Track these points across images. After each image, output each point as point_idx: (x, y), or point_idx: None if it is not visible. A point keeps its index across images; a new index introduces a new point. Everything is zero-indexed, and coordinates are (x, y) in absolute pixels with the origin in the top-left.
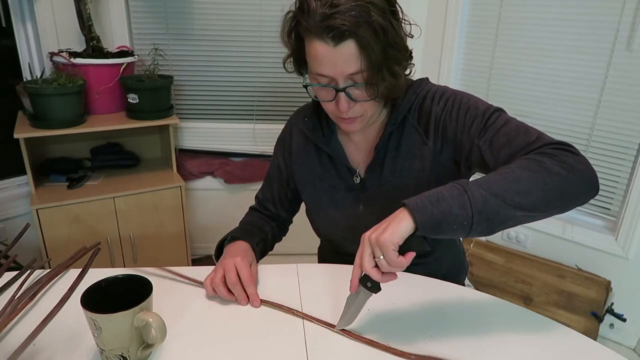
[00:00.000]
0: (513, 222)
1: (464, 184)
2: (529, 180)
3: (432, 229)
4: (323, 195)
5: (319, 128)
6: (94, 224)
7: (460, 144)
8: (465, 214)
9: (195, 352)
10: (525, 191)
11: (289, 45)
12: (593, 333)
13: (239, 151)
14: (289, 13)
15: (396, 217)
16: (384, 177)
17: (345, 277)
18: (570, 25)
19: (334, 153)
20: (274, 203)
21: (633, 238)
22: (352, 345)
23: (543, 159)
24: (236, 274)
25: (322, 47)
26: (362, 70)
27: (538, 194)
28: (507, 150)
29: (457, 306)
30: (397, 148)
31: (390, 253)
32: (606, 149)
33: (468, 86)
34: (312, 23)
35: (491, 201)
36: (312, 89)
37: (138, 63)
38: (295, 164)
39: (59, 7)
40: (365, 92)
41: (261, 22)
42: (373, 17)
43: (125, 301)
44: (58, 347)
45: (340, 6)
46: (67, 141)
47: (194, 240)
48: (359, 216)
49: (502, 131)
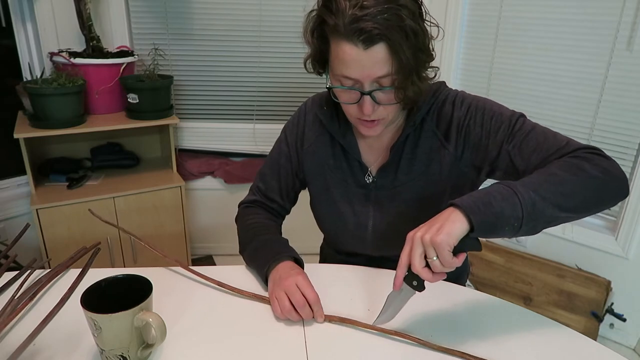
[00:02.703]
0: (555, 222)
1: (512, 185)
2: (573, 183)
3: (487, 230)
4: (333, 187)
5: (335, 119)
6: (94, 224)
7: (486, 150)
8: (516, 216)
9: (195, 352)
10: (570, 193)
11: (312, 45)
12: (593, 333)
13: (239, 151)
14: (313, 11)
15: (449, 218)
16: (398, 179)
17: (346, 277)
18: (570, 25)
19: (348, 147)
20: (280, 193)
21: (633, 238)
22: (351, 344)
23: (581, 163)
24: (302, 295)
25: (351, 49)
26: (391, 74)
27: (580, 196)
28: (539, 154)
29: (457, 306)
30: (413, 150)
31: (446, 254)
32: (606, 149)
33: (468, 86)
34: (341, 24)
35: (539, 203)
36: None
37: (138, 63)
38: (307, 153)
39: (59, 7)
40: (391, 96)
41: (261, 22)
42: (405, 21)
43: (125, 301)
44: (58, 347)
45: (371, 8)
46: (67, 141)
47: (194, 240)
48: (368, 214)
49: (531, 136)
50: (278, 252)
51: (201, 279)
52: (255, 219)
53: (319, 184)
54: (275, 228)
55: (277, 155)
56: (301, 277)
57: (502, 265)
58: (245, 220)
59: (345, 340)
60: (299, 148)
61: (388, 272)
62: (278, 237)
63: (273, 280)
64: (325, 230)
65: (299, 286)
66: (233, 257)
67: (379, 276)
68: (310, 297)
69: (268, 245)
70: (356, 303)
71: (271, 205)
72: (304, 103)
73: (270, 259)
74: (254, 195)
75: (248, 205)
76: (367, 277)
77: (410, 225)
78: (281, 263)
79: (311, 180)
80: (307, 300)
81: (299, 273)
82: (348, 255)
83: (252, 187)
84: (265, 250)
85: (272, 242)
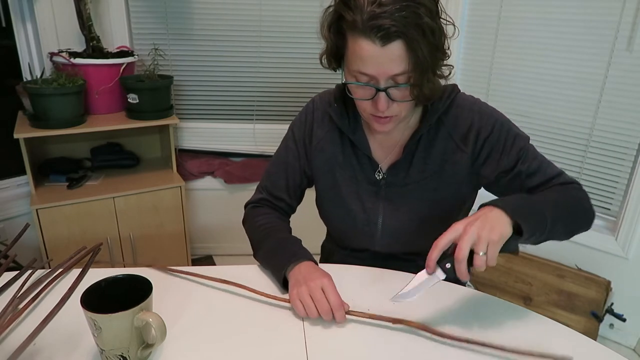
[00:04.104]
0: (552, 239)
1: (536, 201)
2: (574, 210)
3: (530, 236)
4: (343, 184)
5: (345, 116)
6: (94, 224)
7: (498, 163)
8: (542, 229)
9: (195, 352)
10: (570, 219)
11: (328, 40)
12: (593, 333)
13: (239, 151)
14: (330, 7)
15: (499, 220)
16: (410, 176)
17: (348, 277)
18: (570, 25)
19: (358, 143)
20: (287, 191)
21: (633, 238)
22: (351, 343)
23: (577, 194)
24: (327, 302)
25: (368, 45)
26: (407, 72)
27: (573, 223)
28: (539, 178)
29: (457, 306)
30: (427, 150)
31: (496, 252)
32: (606, 149)
33: (468, 86)
34: (359, 20)
35: (548, 220)
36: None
37: (138, 63)
38: (316, 149)
39: (59, 7)
40: (405, 93)
41: (261, 22)
42: (423, 19)
43: (125, 301)
44: (58, 347)
45: (390, 5)
46: (67, 141)
47: (194, 240)
48: (378, 211)
49: (537, 161)
50: (295, 253)
51: (201, 279)
52: (266, 219)
53: (328, 181)
54: (287, 228)
55: (285, 153)
56: (327, 280)
57: (502, 265)
58: (255, 222)
59: (346, 340)
60: (307, 145)
61: (390, 273)
62: (293, 237)
63: (295, 280)
64: (332, 227)
65: (324, 289)
66: (233, 257)
67: (381, 277)
68: (334, 302)
69: (285, 245)
70: (357, 302)
71: (278, 204)
72: (312, 100)
73: (291, 258)
74: (261, 193)
75: (255, 205)
76: (369, 277)
77: (419, 223)
78: (303, 263)
79: (319, 177)
80: (329, 304)
81: (324, 275)
82: (353, 251)
83: (259, 186)
84: (283, 249)
85: (288, 242)
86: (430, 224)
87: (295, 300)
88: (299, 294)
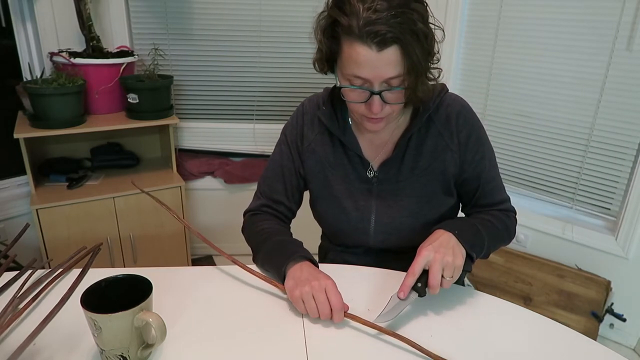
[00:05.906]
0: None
1: (479, 229)
2: (502, 235)
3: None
4: (335, 184)
5: (334, 117)
6: (94, 224)
7: (463, 170)
8: (480, 255)
9: (195, 352)
10: (496, 241)
11: (322, 44)
12: (593, 333)
13: (239, 151)
14: (324, 12)
15: (459, 248)
16: (402, 173)
17: (347, 277)
18: (570, 25)
19: (349, 143)
20: (286, 194)
21: (633, 238)
22: (351, 343)
23: (511, 223)
24: (329, 304)
25: (364, 50)
26: (402, 75)
27: (498, 246)
28: (488, 200)
29: (457, 306)
30: (418, 147)
31: (457, 276)
32: (606, 149)
33: (468, 86)
34: (354, 25)
35: (485, 247)
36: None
37: (138, 63)
38: (307, 151)
39: (59, 7)
40: (399, 95)
41: (261, 22)
42: (417, 25)
43: (125, 301)
44: (58, 347)
45: (385, 12)
46: (67, 141)
47: (194, 240)
48: (371, 208)
49: (491, 185)
50: (295, 252)
51: (201, 280)
52: (265, 225)
53: (320, 182)
54: (287, 232)
55: (279, 157)
56: (330, 283)
57: (502, 265)
58: (255, 228)
59: (345, 340)
60: (299, 147)
61: (388, 272)
62: (293, 239)
63: (294, 278)
64: (326, 226)
65: (327, 292)
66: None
67: (379, 276)
68: (335, 304)
69: (286, 245)
70: (356, 302)
71: (278, 208)
72: (301, 104)
73: (291, 256)
74: (259, 199)
75: (255, 213)
76: (367, 277)
77: (411, 219)
78: (304, 262)
79: (312, 178)
80: (330, 305)
81: (327, 277)
82: (347, 247)
83: (257, 192)
84: (282, 249)
85: (288, 243)
86: (422, 219)
87: (298, 301)
88: (302, 294)
